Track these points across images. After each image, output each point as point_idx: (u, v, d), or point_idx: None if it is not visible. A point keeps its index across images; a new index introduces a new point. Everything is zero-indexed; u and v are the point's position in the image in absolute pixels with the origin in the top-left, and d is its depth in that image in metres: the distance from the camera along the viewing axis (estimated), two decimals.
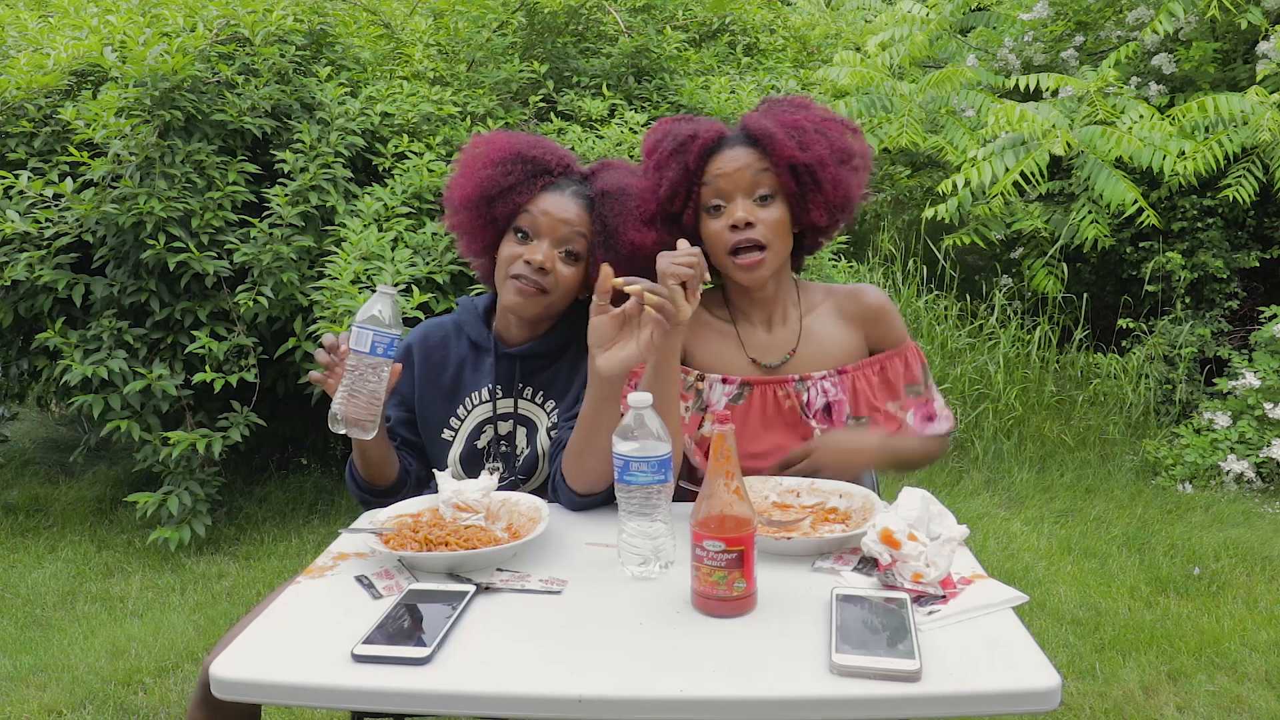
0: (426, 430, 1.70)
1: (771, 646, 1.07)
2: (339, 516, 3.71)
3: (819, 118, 1.62)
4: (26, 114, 3.67)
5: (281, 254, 3.33)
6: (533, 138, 1.68)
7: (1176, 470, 3.98)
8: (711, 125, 1.61)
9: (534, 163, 1.61)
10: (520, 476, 1.65)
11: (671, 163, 1.60)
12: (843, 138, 1.62)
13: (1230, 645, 2.66)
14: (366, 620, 1.13)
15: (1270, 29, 4.32)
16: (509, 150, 1.62)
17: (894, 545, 1.21)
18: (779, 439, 1.63)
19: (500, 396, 1.66)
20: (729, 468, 1.15)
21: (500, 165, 1.60)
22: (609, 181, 1.62)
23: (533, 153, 1.62)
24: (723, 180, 1.57)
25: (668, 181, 1.60)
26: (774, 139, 1.56)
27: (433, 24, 4.62)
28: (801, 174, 1.57)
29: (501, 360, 1.67)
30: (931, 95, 4.82)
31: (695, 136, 1.59)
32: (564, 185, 1.62)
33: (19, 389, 4.32)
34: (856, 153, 1.63)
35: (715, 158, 1.58)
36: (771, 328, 1.68)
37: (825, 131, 1.60)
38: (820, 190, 1.58)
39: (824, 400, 1.64)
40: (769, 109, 1.64)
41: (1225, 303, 4.55)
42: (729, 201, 1.57)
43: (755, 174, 1.57)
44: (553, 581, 1.26)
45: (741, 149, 1.58)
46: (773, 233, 1.58)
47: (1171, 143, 4.10)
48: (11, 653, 2.73)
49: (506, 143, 1.64)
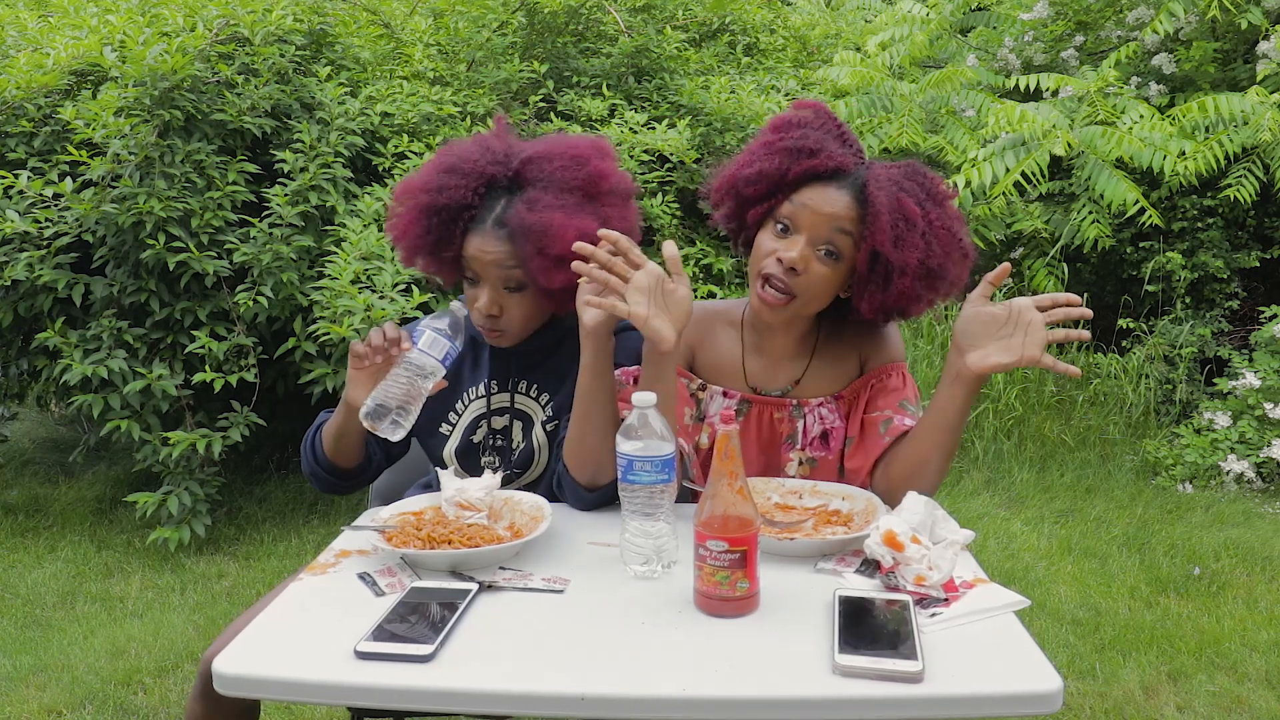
0: (423, 425, 1.68)
1: (774, 647, 1.07)
2: (339, 516, 3.71)
3: (939, 224, 1.46)
4: (26, 114, 3.67)
5: (281, 254, 3.33)
6: (448, 167, 1.55)
7: (1177, 470, 3.98)
8: (840, 154, 1.48)
9: (445, 210, 1.52)
10: (516, 470, 1.65)
11: (778, 158, 1.48)
12: (946, 257, 1.47)
13: (1230, 645, 2.66)
14: (369, 617, 1.13)
15: (1270, 29, 4.32)
16: (419, 206, 1.54)
17: (897, 548, 1.21)
18: (764, 461, 1.62)
19: (496, 391, 1.66)
20: (732, 468, 1.15)
21: (415, 226, 1.55)
22: (515, 215, 1.50)
23: (442, 199, 1.52)
24: (804, 213, 1.46)
25: (759, 169, 1.50)
26: (878, 218, 1.42)
27: (433, 24, 4.63)
28: (878, 265, 1.45)
29: (497, 357, 1.67)
30: (931, 95, 4.81)
31: (816, 153, 1.47)
32: (486, 215, 1.52)
33: (19, 389, 4.32)
34: (948, 278, 1.49)
35: (817, 185, 1.47)
36: (779, 357, 1.63)
37: (932, 241, 1.45)
38: (883, 290, 1.47)
39: (820, 428, 1.61)
40: (904, 178, 1.48)
41: (1225, 303, 4.55)
42: (795, 233, 1.47)
43: (835, 230, 1.45)
44: (555, 580, 1.26)
45: (845, 196, 1.45)
46: (813, 290, 1.48)
47: (1172, 143, 4.10)
48: (11, 653, 2.73)
49: (419, 193, 1.54)
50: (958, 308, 1.78)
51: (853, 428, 1.60)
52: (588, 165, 1.53)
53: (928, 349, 4.45)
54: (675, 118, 4.13)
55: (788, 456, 1.61)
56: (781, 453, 1.62)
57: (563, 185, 1.51)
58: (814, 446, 1.61)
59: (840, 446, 1.61)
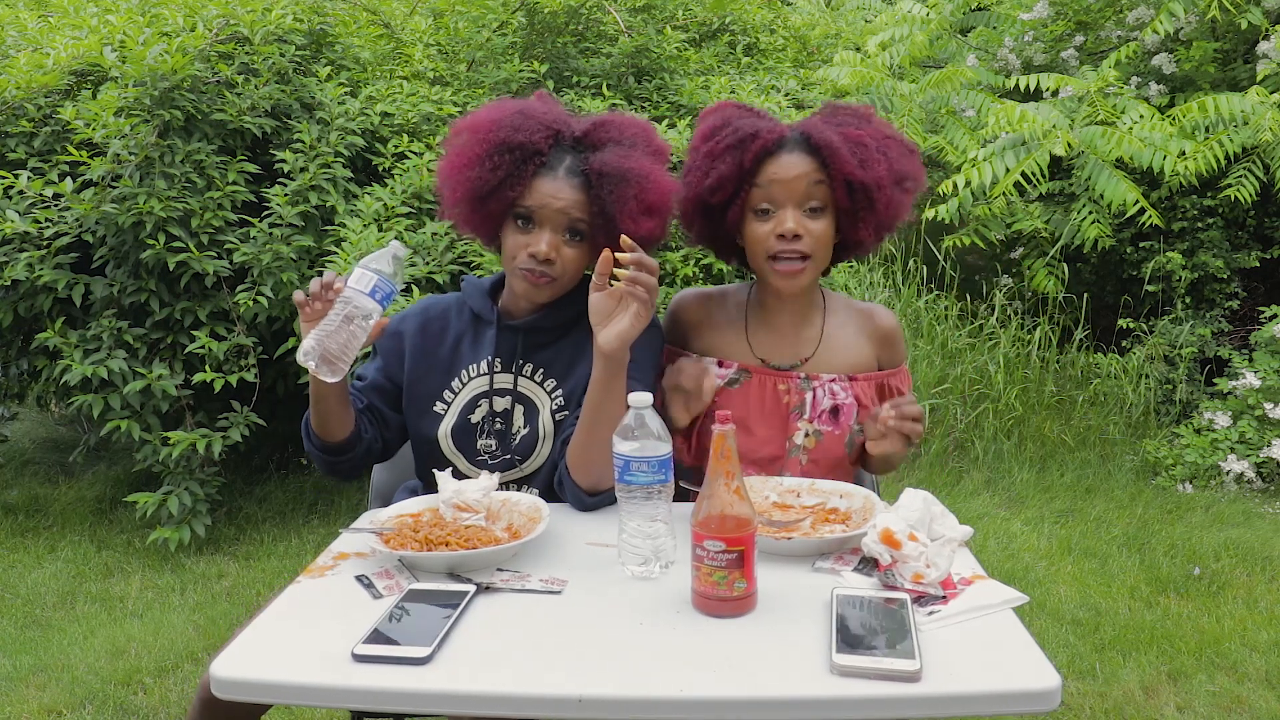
0: (416, 403, 1.65)
1: (772, 647, 1.07)
2: (339, 516, 3.71)
3: (881, 134, 1.59)
4: (26, 114, 3.67)
5: (281, 254, 3.33)
6: (518, 110, 1.58)
7: (1177, 470, 3.98)
8: (773, 126, 1.57)
9: (520, 149, 1.53)
10: (517, 457, 1.60)
11: (726, 157, 1.56)
12: (901, 158, 1.59)
13: (1230, 645, 2.66)
14: (366, 620, 1.13)
15: (1270, 29, 4.32)
16: (492, 141, 1.53)
17: (895, 546, 1.21)
18: (768, 432, 1.65)
19: (499, 370, 1.62)
20: (729, 468, 1.15)
21: (485, 161, 1.53)
22: (608, 162, 1.52)
23: (518, 137, 1.53)
24: (776, 188, 1.54)
25: (717, 175, 1.56)
26: (836, 153, 1.52)
27: (433, 24, 4.63)
28: (857, 192, 1.55)
29: (503, 332, 1.63)
30: (931, 95, 4.81)
31: (756, 136, 1.54)
32: (557, 163, 1.54)
33: (19, 389, 4.32)
34: (910, 175, 1.60)
35: (771, 160, 1.55)
36: (790, 330, 1.68)
37: (886, 151, 1.56)
38: (873, 210, 1.57)
39: (831, 402, 1.65)
40: (830, 116, 1.61)
41: (1225, 303, 4.55)
42: (779, 209, 1.55)
43: (810, 185, 1.54)
44: (553, 581, 1.26)
45: (799, 156, 1.55)
46: (818, 245, 1.57)
47: (1172, 143, 4.10)
48: (11, 653, 2.73)
49: (489, 130, 1.55)
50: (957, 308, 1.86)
51: (863, 418, 1.65)
52: (655, 137, 1.61)
53: (928, 349, 4.45)
54: (675, 118, 4.13)
55: (795, 426, 1.65)
56: (789, 422, 1.65)
57: (645, 147, 1.57)
58: (822, 420, 1.65)
59: (850, 423, 1.65)
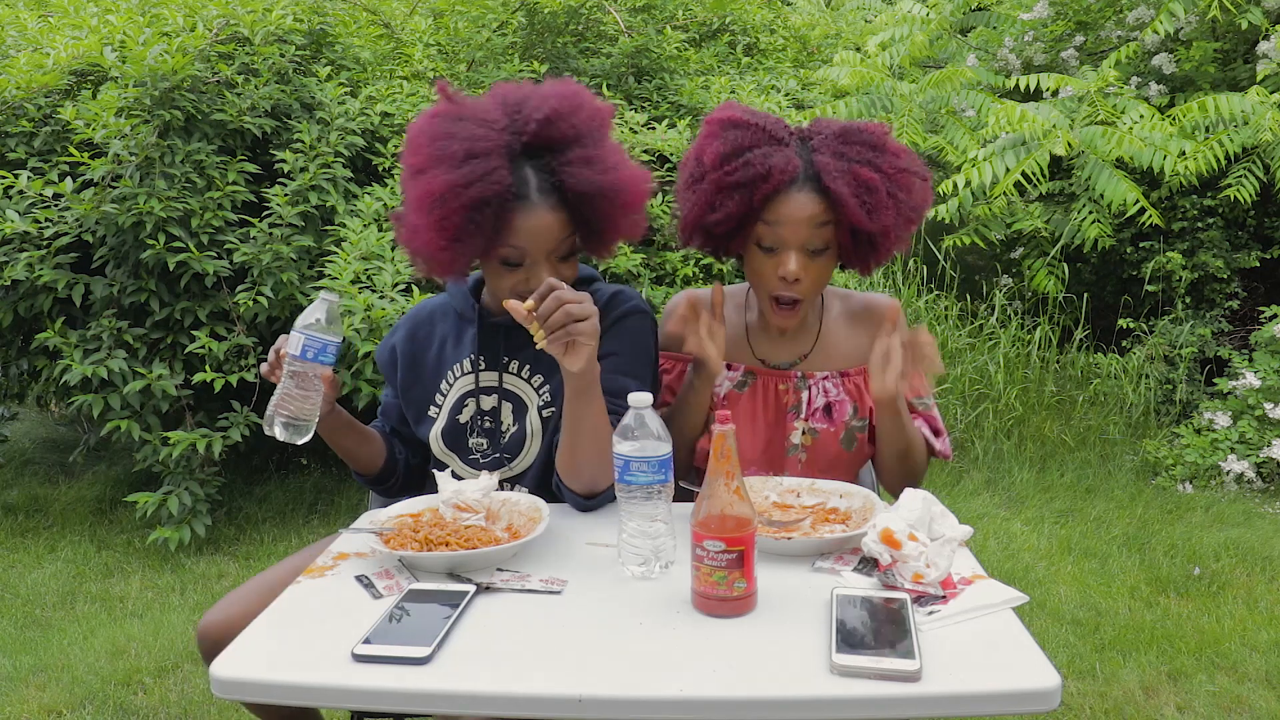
0: (414, 410, 1.66)
1: (771, 647, 1.07)
2: (339, 516, 3.71)
3: (894, 169, 1.53)
4: (26, 114, 3.67)
5: (281, 254, 3.33)
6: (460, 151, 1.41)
7: (1177, 470, 3.97)
8: (785, 164, 1.50)
9: (489, 202, 1.39)
10: (506, 455, 1.59)
11: (735, 195, 1.51)
12: (911, 195, 1.55)
13: (1230, 645, 2.65)
14: (366, 620, 1.13)
15: (1270, 29, 4.31)
16: (456, 206, 1.39)
17: (894, 545, 1.21)
18: (770, 433, 1.66)
19: (484, 368, 1.60)
20: (729, 468, 1.15)
21: (468, 224, 1.39)
22: (581, 178, 1.44)
23: (478, 190, 1.38)
24: (783, 229, 1.52)
25: (724, 211, 1.53)
26: (844, 204, 1.49)
27: (433, 24, 4.63)
28: (861, 236, 1.54)
29: (485, 330, 1.61)
30: (932, 95, 4.81)
31: (768, 177, 1.49)
32: (525, 188, 1.43)
33: (19, 389, 4.32)
34: (919, 206, 1.57)
35: (781, 198, 1.51)
36: (787, 331, 1.68)
37: (897, 194, 1.52)
38: (875, 252, 1.58)
39: (824, 400, 1.65)
40: (844, 144, 1.53)
41: (1225, 303, 4.55)
42: (782, 249, 1.54)
43: (816, 228, 1.52)
44: (553, 581, 1.26)
45: (809, 196, 1.51)
46: (817, 284, 1.58)
47: (1172, 143, 4.10)
48: (11, 653, 2.73)
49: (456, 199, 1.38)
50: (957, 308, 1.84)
51: (866, 410, 1.65)
52: (596, 105, 1.52)
53: None
54: (675, 118, 4.13)
55: (792, 425, 1.66)
56: (787, 422, 1.66)
57: (595, 137, 1.49)
58: (816, 418, 1.65)
59: (843, 419, 1.65)
